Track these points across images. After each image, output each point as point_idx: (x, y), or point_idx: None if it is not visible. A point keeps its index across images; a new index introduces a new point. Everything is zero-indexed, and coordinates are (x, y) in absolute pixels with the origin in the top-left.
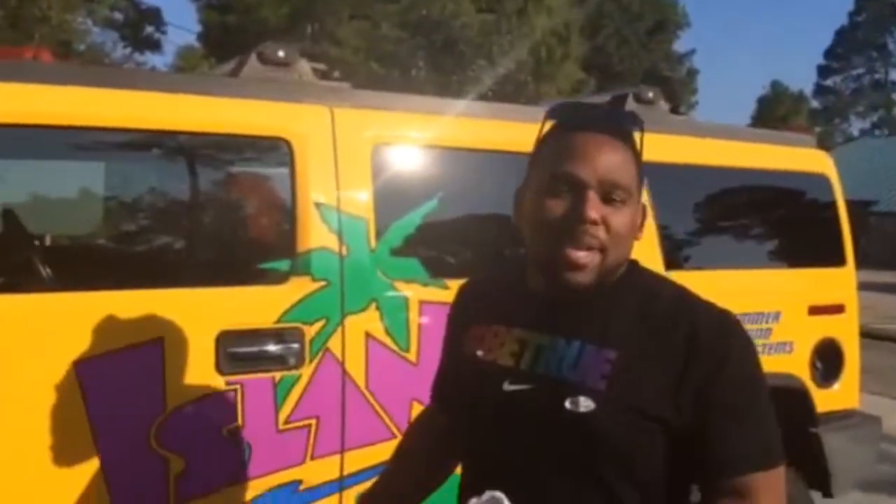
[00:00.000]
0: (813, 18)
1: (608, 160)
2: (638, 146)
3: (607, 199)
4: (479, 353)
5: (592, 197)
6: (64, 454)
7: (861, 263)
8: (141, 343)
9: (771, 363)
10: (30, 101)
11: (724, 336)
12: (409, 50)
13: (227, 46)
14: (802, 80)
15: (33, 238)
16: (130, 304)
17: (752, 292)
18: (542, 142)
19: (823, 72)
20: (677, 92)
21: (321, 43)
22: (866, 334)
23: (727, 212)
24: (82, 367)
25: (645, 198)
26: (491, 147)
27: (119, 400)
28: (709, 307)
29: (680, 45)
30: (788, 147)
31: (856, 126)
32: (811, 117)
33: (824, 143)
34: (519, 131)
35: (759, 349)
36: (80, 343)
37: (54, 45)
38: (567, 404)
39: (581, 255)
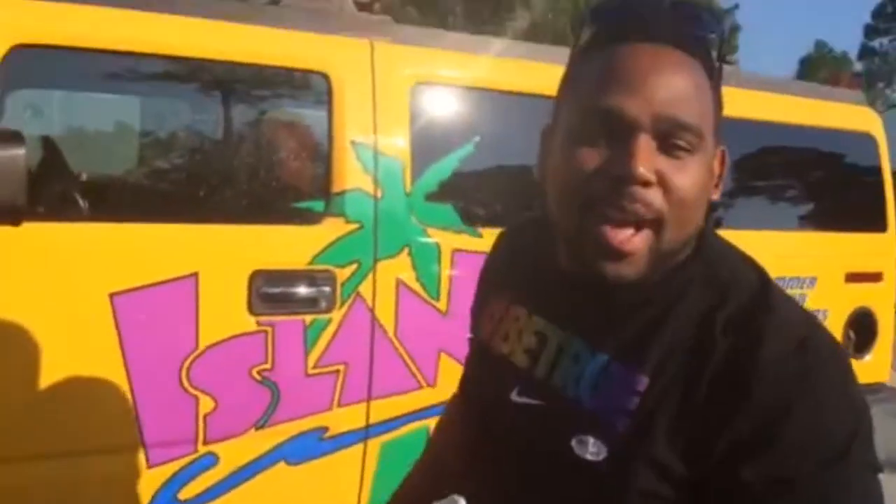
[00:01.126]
0: None
1: (670, 86)
2: (715, 63)
3: (668, 146)
4: (494, 340)
5: (644, 143)
6: (97, 385)
7: None
8: (176, 277)
9: None
10: (70, 21)
11: (796, 376)
12: None
13: None
14: (848, 40)
15: (71, 170)
16: (166, 237)
17: (788, 256)
18: (575, 59)
19: (870, 33)
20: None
21: None
22: None
23: (765, 169)
24: (118, 299)
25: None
26: (532, 90)
27: (153, 334)
28: (785, 324)
29: (723, 0)
30: (833, 103)
31: None
32: (853, 80)
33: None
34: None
35: None
36: (116, 274)
37: None
38: (574, 444)
39: (625, 238)
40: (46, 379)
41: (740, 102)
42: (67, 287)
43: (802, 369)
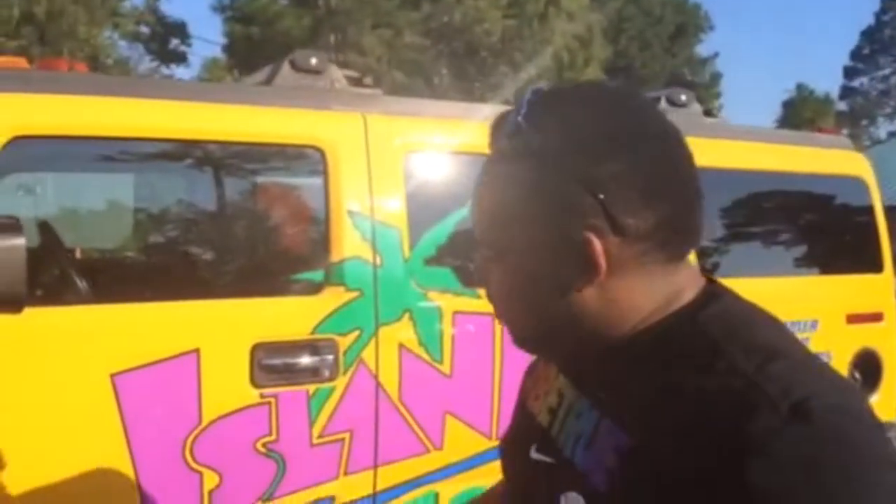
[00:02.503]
0: (837, 19)
1: (477, 207)
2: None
3: (487, 258)
4: (530, 399)
5: (479, 255)
6: (99, 466)
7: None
8: (177, 354)
9: None
10: (67, 113)
11: (795, 457)
12: (432, 57)
13: (251, 58)
14: (828, 82)
15: (69, 251)
16: (167, 315)
17: (788, 300)
18: None
19: (849, 73)
20: (701, 96)
21: (345, 52)
22: None
23: (760, 217)
24: (119, 379)
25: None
26: None
27: (155, 412)
28: (783, 394)
29: (703, 49)
30: (823, 149)
31: (884, 128)
32: (838, 120)
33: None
34: None
35: None
36: (117, 355)
37: (81, 59)
38: (562, 500)
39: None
40: (50, 461)
41: (732, 153)
42: (68, 369)
43: (804, 450)
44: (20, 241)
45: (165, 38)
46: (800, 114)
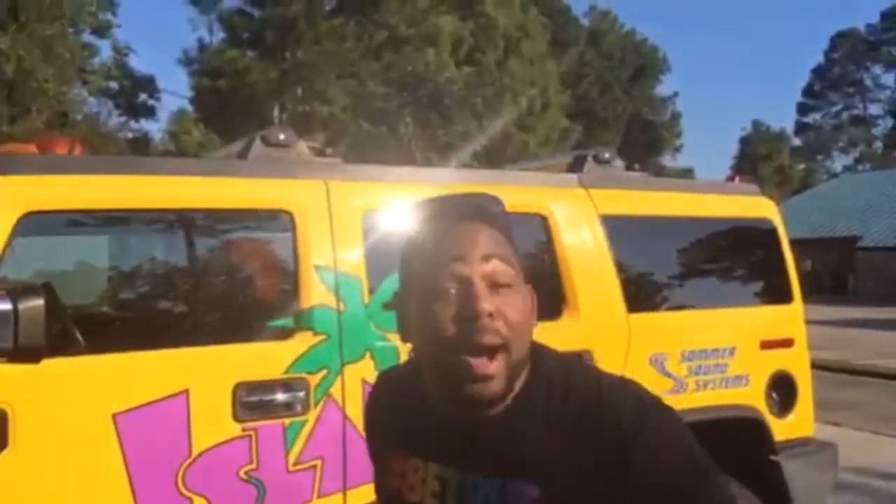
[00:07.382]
0: (789, 58)
1: (484, 245)
2: (506, 226)
3: (495, 286)
4: (403, 492)
5: (480, 286)
6: (103, 496)
7: (848, 300)
8: (170, 395)
9: (729, 396)
10: (76, 190)
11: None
12: (396, 107)
13: (219, 110)
14: (784, 118)
15: (68, 308)
16: (159, 361)
17: (709, 330)
18: (411, 242)
19: (803, 109)
20: (662, 136)
21: (310, 103)
22: (850, 370)
23: (681, 257)
24: (120, 418)
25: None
26: None
27: (152, 446)
28: (624, 402)
29: (662, 90)
30: (734, 196)
31: (839, 162)
32: (793, 155)
33: (808, 181)
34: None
35: (718, 382)
36: (117, 396)
37: (51, 115)
38: None
39: (485, 364)
40: (61, 491)
41: (661, 203)
42: (76, 410)
43: (647, 438)
44: (40, 302)
45: (134, 93)
46: (756, 150)
